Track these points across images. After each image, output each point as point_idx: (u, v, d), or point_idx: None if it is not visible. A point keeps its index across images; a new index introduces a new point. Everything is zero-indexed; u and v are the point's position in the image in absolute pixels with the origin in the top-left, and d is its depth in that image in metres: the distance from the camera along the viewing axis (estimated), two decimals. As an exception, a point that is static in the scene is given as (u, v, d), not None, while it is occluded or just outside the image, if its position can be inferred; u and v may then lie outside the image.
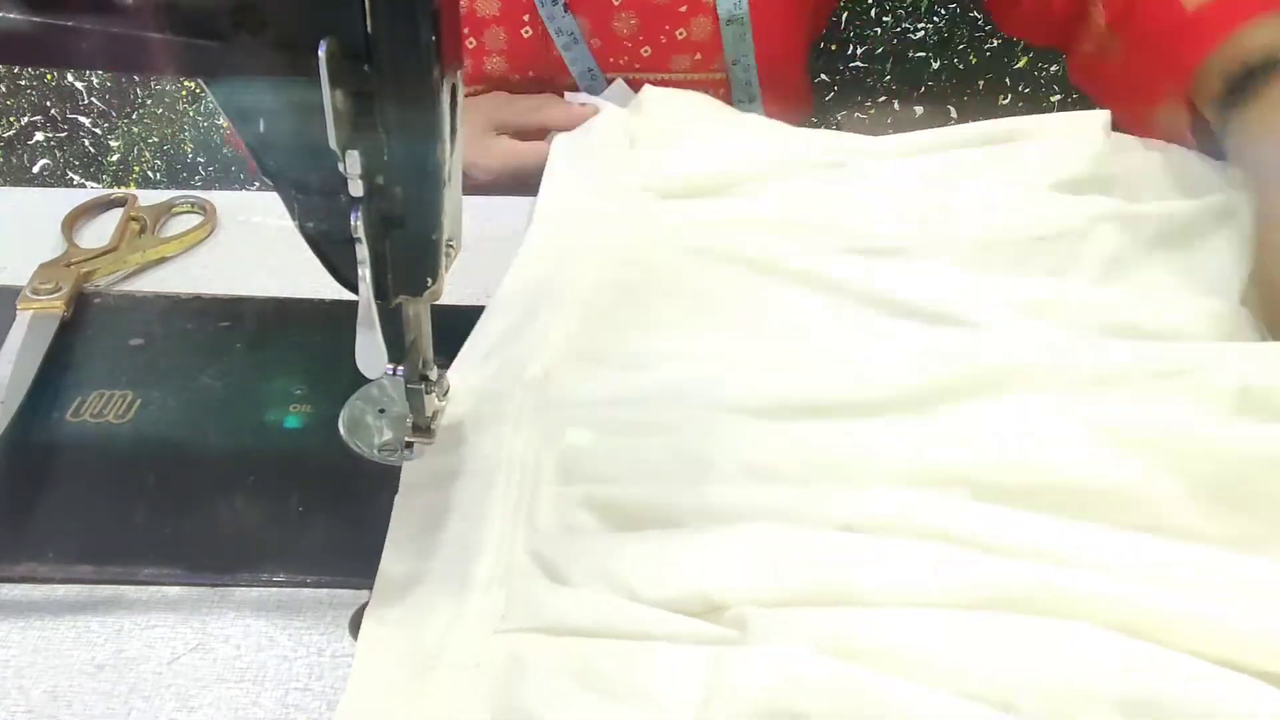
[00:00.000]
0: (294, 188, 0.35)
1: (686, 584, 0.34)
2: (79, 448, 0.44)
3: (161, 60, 0.32)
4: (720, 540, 0.35)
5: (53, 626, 0.36)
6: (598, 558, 0.36)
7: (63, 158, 1.75)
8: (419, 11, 0.30)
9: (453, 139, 0.34)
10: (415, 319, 0.39)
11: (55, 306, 0.52)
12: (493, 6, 0.69)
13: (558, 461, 0.41)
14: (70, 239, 0.58)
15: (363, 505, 0.41)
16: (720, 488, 0.38)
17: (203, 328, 0.52)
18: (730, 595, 0.34)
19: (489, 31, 0.70)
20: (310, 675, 0.35)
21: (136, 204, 0.61)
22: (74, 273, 0.54)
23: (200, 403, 0.47)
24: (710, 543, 0.35)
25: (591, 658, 0.33)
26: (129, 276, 0.56)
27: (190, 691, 0.34)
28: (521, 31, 0.70)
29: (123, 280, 0.56)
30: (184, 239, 0.58)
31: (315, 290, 0.53)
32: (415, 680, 0.33)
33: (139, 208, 0.60)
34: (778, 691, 0.31)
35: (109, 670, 0.35)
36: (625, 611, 0.34)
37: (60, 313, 0.52)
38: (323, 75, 0.30)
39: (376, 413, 0.46)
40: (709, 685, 0.31)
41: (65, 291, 0.53)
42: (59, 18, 0.30)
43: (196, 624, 0.37)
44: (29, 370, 0.47)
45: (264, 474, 0.43)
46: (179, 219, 0.61)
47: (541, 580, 0.36)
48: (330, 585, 0.38)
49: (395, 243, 0.36)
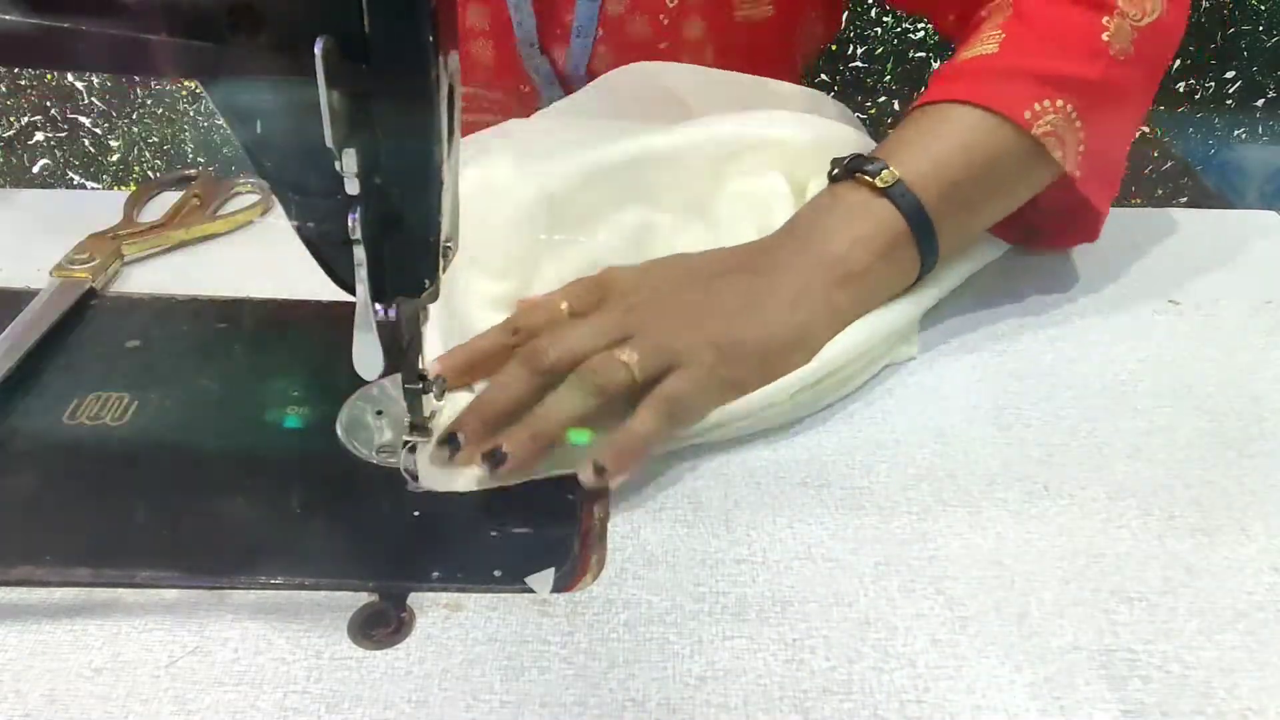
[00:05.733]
0: (291, 189, 0.35)
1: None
2: (76, 450, 0.44)
3: (160, 61, 0.32)
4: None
5: (50, 630, 0.36)
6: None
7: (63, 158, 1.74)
8: (417, 11, 0.30)
9: (450, 139, 0.34)
10: (413, 320, 0.39)
11: (83, 275, 0.54)
12: (483, 21, 0.69)
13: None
14: (129, 213, 0.60)
15: (361, 507, 0.41)
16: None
17: (200, 329, 0.52)
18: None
19: (475, 42, 0.70)
20: (309, 678, 0.35)
21: (201, 182, 0.63)
22: (112, 245, 0.56)
23: (197, 404, 0.46)
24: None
25: None
26: (164, 253, 0.59)
27: (188, 695, 0.34)
28: (507, 47, 0.70)
29: (159, 255, 0.59)
30: (233, 219, 0.61)
31: (313, 291, 0.53)
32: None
33: (201, 186, 0.62)
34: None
35: (106, 673, 0.35)
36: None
37: (88, 281, 0.54)
38: (319, 74, 0.29)
39: (375, 414, 0.45)
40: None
41: (97, 262, 0.55)
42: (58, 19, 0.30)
43: (194, 627, 0.36)
44: (38, 330, 0.50)
45: (262, 476, 0.43)
46: (237, 199, 0.63)
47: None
48: (329, 588, 0.38)
49: (393, 244, 0.35)
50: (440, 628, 0.36)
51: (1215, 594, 0.37)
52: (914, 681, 0.34)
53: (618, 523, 0.41)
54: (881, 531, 0.40)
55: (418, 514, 0.41)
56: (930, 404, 0.47)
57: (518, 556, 0.39)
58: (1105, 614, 0.37)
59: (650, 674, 0.35)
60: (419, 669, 0.35)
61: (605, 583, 0.38)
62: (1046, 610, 0.37)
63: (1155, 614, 0.37)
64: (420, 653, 0.36)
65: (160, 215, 0.60)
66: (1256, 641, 0.36)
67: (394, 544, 0.40)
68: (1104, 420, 0.46)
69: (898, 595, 0.37)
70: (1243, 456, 0.44)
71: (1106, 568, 0.38)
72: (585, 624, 0.37)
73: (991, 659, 0.35)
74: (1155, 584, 0.38)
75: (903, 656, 0.35)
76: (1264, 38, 1.72)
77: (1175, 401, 0.47)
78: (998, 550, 0.39)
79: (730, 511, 0.41)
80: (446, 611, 0.37)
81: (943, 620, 0.36)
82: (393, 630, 0.36)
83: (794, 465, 0.43)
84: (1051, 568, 0.38)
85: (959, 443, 0.45)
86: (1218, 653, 0.35)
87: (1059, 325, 0.52)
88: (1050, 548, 0.39)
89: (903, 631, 0.36)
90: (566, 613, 0.37)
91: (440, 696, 0.34)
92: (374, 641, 0.36)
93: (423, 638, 0.36)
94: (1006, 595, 0.37)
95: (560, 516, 0.41)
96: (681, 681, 0.34)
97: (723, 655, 0.35)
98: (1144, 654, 0.35)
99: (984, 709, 0.33)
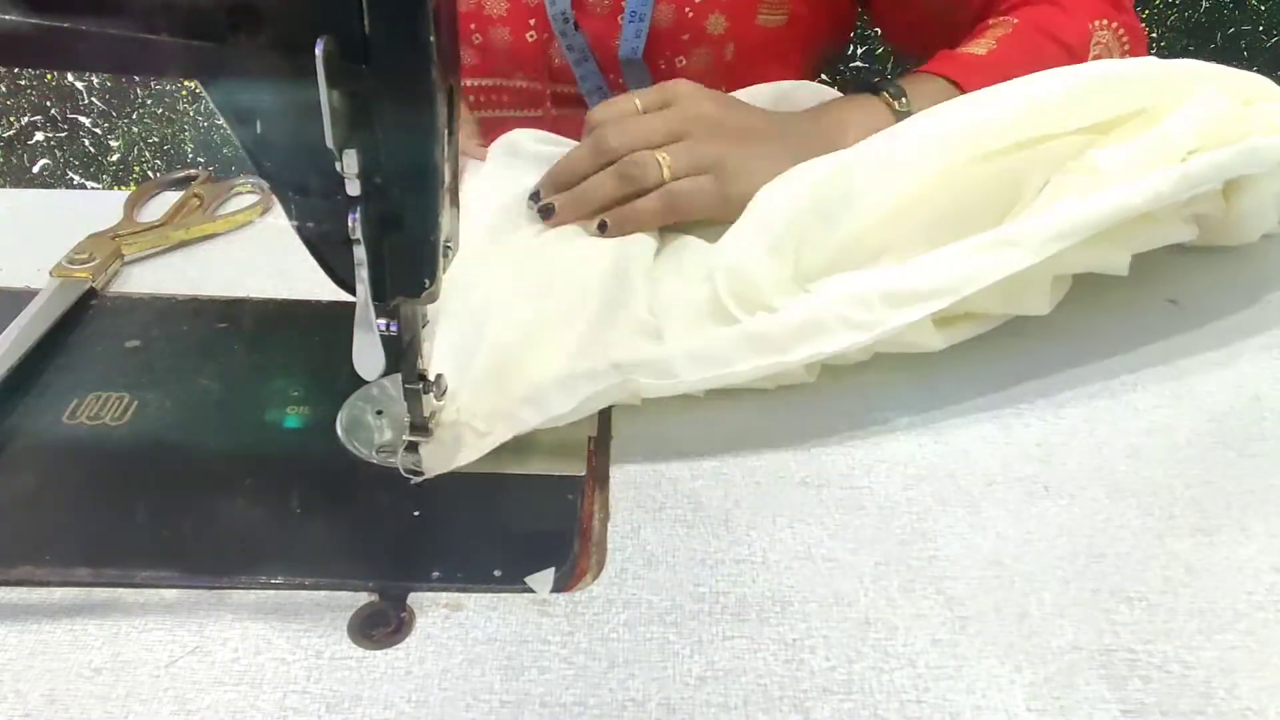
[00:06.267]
0: (291, 189, 0.35)
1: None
2: (75, 450, 0.44)
3: (160, 61, 0.32)
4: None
5: (49, 630, 0.36)
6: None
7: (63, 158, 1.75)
8: (416, 11, 0.30)
9: (450, 139, 0.34)
10: (413, 320, 0.39)
11: (83, 275, 0.54)
12: (500, 7, 0.69)
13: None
14: (129, 213, 0.60)
15: (361, 507, 0.41)
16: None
17: (200, 329, 0.52)
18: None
19: (494, 30, 0.70)
20: (309, 678, 0.35)
21: (201, 182, 0.63)
22: (112, 245, 0.56)
23: (197, 404, 0.46)
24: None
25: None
26: (163, 253, 0.59)
27: (188, 695, 0.34)
28: (526, 35, 0.70)
29: (159, 255, 0.59)
30: (232, 219, 0.61)
31: (312, 291, 0.53)
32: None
33: (201, 186, 0.62)
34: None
35: (106, 673, 0.35)
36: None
37: (88, 281, 0.54)
38: (319, 74, 0.29)
39: (375, 413, 0.45)
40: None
41: (97, 262, 0.55)
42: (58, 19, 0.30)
43: (194, 627, 0.36)
44: (37, 330, 0.50)
45: (262, 476, 0.42)
46: (237, 199, 0.63)
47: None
48: (329, 587, 0.38)
49: (393, 244, 0.35)
50: (440, 628, 0.36)
51: (1215, 594, 0.37)
52: (914, 681, 0.34)
53: (618, 523, 0.41)
54: (881, 531, 0.40)
55: (418, 514, 0.41)
56: (930, 404, 0.47)
57: (518, 556, 0.39)
58: (1105, 614, 0.37)
59: (650, 674, 0.35)
60: (419, 669, 0.35)
61: (605, 583, 0.38)
62: (1046, 610, 0.37)
63: (1155, 614, 0.37)
64: (420, 653, 0.36)
65: (160, 215, 0.60)
66: (1256, 641, 0.35)
67: (394, 544, 0.40)
68: (1104, 420, 0.46)
69: (898, 595, 0.37)
70: (1243, 456, 0.44)
71: (1106, 568, 0.38)
72: (585, 624, 0.37)
73: (991, 659, 0.35)
74: (1155, 584, 0.38)
75: (903, 656, 0.35)
76: (1264, 38, 1.72)
77: (1175, 401, 0.47)
78: (998, 550, 0.39)
79: (730, 511, 0.41)
80: (446, 611, 0.37)
81: (943, 620, 0.36)
82: (393, 630, 0.36)
83: (794, 465, 0.43)
84: (1051, 568, 0.38)
85: (959, 443, 0.45)
86: (1218, 653, 0.35)
87: (1059, 325, 0.52)
88: (1050, 548, 0.39)
89: (903, 631, 0.36)
90: (566, 613, 0.37)
91: (440, 696, 0.34)
92: (374, 641, 0.36)
93: (423, 638, 0.36)
94: (1006, 595, 0.37)
95: (560, 516, 0.41)
96: (681, 681, 0.34)
97: (723, 655, 0.35)
98: (1144, 654, 0.35)
99: (984, 709, 0.33)
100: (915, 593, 0.37)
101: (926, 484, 0.42)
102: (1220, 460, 0.44)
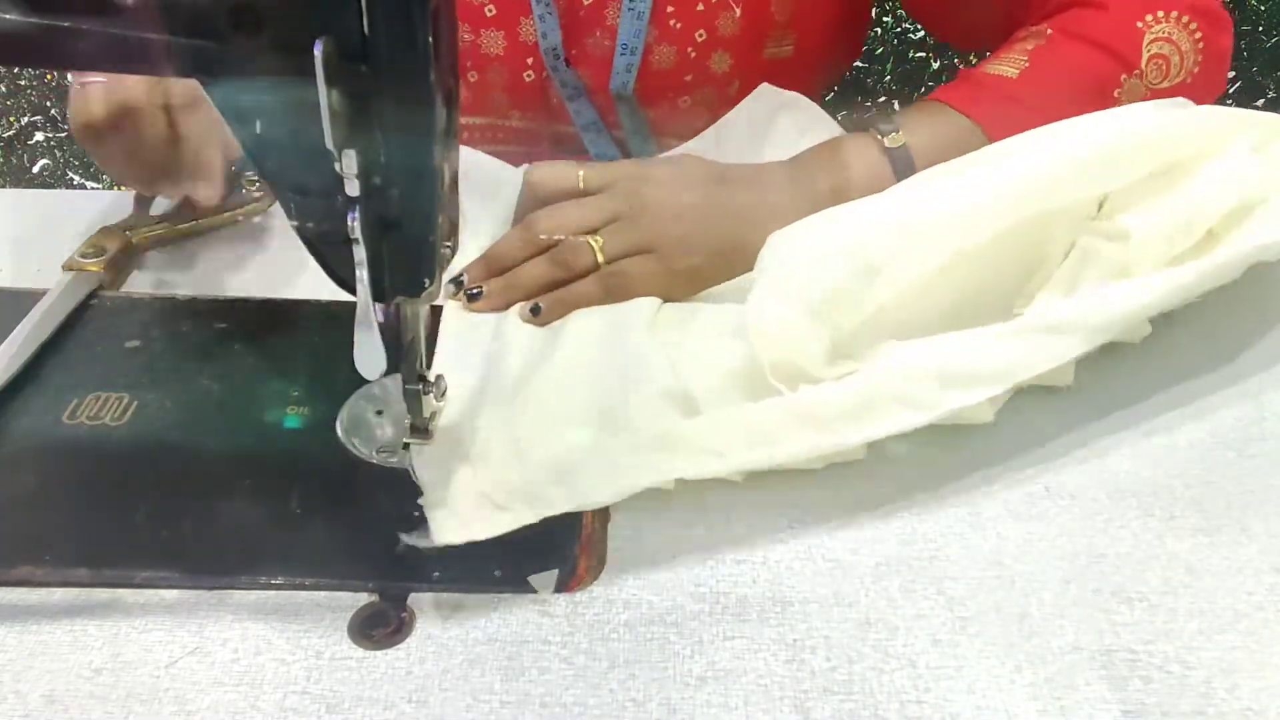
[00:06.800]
0: (291, 189, 0.35)
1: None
2: (75, 450, 0.44)
3: (160, 61, 0.32)
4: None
5: (49, 630, 0.36)
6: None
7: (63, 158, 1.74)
8: (416, 12, 0.30)
9: (450, 140, 0.34)
10: (413, 320, 0.39)
11: (95, 269, 0.55)
12: (498, 45, 0.68)
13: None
14: (138, 205, 0.60)
15: (361, 506, 0.41)
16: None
17: (199, 329, 0.52)
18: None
19: (492, 69, 0.69)
20: (309, 678, 0.35)
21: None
22: (122, 238, 0.56)
23: (197, 404, 0.46)
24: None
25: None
26: (165, 252, 0.59)
27: (188, 695, 0.34)
28: (524, 75, 0.69)
29: (160, 254, 0.59)
30: (238, 212, 0.61)
31: (312, 291, 0.53)
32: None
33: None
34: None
35: (106, 674, 0.35)
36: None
37: (100, 275, 0.55)
38: (319, 75, 0.29)
39: (375, 413, 0.45)
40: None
41: (107, 256, 0.55)
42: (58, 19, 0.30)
43: (194, 627, 0.36)
44: (49, 326, 0.50)
45: (261, 476, 0.42)
46: (242, 194, 0.64)
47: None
48: (328, 588, 0.38)
49: (393, 244, 0.35)
50: (440, 628, 0.36)
51: (1215, 594, 0.37)
52: (914, 682, 0.34)
53: (618, 523, 0.41)
54: (881, 531, 0.40)
55: (418, 514, 0.41)
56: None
57: (518, 556, 0.39)
58: (1105, 614, 0.37)
59: (650, 674, 0.35)
60: (419, 669, 0.35)
61: (605, 583, 0.38)
62: (1046, 611, 0.37)
63: (1155, 614, 0.37)
64: (420, 653, 0.36)
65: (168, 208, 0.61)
66: (1256, 641, 0.35)
67: (394, 544, 0.40)
68: (1104, 420, 0.46)
69: (898, 595, 0.37)
70: (1243, 457, 0.44)
71: (1106, 568, 0.38)
72: (585, 624, 0.37)
73: (991, 659, 0.35)
74: (1155, 584, 0.38)
75: (903, 657, 0.35)
76: (1264, 38, 1.72)
77: (1175, 402, 0.47)
78: (998, 550, 0.39)
79: (730, 511, 0.41)
80: (446, 611, 0.37)
81: (943, 620, 0.36)
82: (393, 630, 0.36)
83: (794, 465, 0.43)
84: (1051, 568, 0.38)
85: (959, 443, 0.45)
86: (1218, 653, 0.35)
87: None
88: (1050, 548, 0.39)
89: (903, 632, 0.36)
90: (566, 613, 0.37)
91: (440, 696, 0.34)
92: (374, 641, 0.36)
93: (423, 638, 0.36)
94: (1006, 595, 0.37)
95: (560, 517, 0.41)
96: (681, 681, 0.34)
97: (723, 655, 0.35)
98: (1144, 654, 0.35)
99: (984, 709, 0.33)
100: (915, 593, 0.37)
101: (927, 484, 0.42)
102: (1220, 460, 0.44)
